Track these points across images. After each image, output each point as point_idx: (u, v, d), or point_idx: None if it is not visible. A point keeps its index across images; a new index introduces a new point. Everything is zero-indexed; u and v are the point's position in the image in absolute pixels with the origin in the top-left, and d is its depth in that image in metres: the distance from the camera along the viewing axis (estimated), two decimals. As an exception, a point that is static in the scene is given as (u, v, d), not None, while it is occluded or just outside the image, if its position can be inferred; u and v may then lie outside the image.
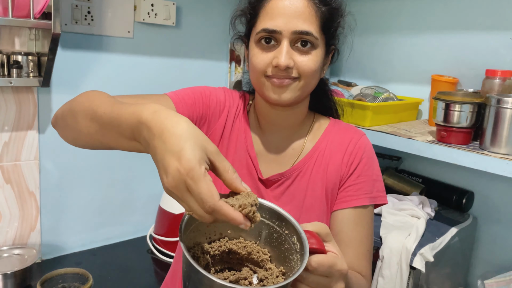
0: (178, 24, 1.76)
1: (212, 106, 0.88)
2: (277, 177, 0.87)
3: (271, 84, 0.79)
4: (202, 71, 1.86)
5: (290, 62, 0.77)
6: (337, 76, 2.09)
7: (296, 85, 0.79)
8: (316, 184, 0.87)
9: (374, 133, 1.45)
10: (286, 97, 0.80)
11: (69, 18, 1.48)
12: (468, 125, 1.29)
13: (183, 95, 0.85)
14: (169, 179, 0.50)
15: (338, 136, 0.90)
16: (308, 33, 0.77)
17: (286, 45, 0.77)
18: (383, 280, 1.28)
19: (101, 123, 0.63)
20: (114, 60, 1.63)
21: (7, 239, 1.48)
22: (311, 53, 0.79)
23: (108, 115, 0.62)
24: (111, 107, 0.63)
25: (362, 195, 0.87)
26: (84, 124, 0.67)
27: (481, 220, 1.57)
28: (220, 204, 0.50)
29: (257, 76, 0.80)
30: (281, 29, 0.76)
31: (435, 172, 1.70)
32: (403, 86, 1.82)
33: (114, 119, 0.61)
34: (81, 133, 0.69)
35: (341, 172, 0.87)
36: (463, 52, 1.61)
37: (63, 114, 0.73)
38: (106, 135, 0.63)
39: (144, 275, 1.54)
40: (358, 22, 1.93)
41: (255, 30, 0.80)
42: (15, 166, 1.46)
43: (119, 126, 0.60)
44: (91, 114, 0.65)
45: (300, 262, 0.58)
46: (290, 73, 0.78)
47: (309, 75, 0.79)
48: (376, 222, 1.41)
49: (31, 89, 1.44)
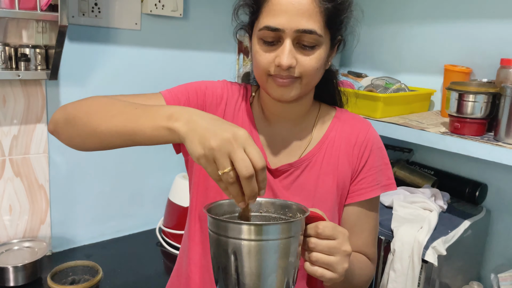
0: (185, 15, 1.74)
1: (208, 99, 0.87)
2: (286, 167, 0.85)
3: (274, 82, 0.78)
4: (210, 63, 1.84)
5: (293, 61, 0.75)
6: (347, 67, 2.06)
7: (298, 84, 0.78)
8: (328, 176, 0.86)
9: (385, 124, 1.42)
10: (289, 95, 0.79)
11: (76, 10, 1.47)
12: (482, 115, 1.26)
13: (176, 93, 0.84)
14: (225, 135, 0.57)
15: (346, 126, 0.89)
16: (311, 32, 0.74)
17: (289, 44, 0.74)
18: (394, 273, 1.26)
19: (103, 139, 0.68)
20: (121, 52, 1.62)
21: (17, 232, 1.49)
22: (315, 52, 0.76)
23: (110, 129, 0.66)
24: (110, 121, 0.66)
25: (373, 186, 0.87)
26: (89, 140, 0.70)
27: (495, 213, 1.55)
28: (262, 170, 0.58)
29: (260, 74, 0.79)
30: (284, 27, 0.74)
31: (448, 164, 1.67)
32: (414, 76, 1.78)
33: (127, 131, 0.65)
34: (86, 143, 0.71)
35: (353, 165, 0.87)
36: (477, 41, 1.57)
37: (68, 120, 0.73)
38: (119, 143, 0.68)
39: (153, 268, 1.54)
40: (368, 12, 1.91)
41: (257, 25, 0.78)
42: (25, 159, 1.46)
43: (134, 135, 0.64)
44: (92, 132, 0.68)
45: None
46: (293, 72, 0.76)
47: (312, 73, 0.78)
48: (387, 215, 1.39)
49: (39, 82, 1.44)
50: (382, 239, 1.31)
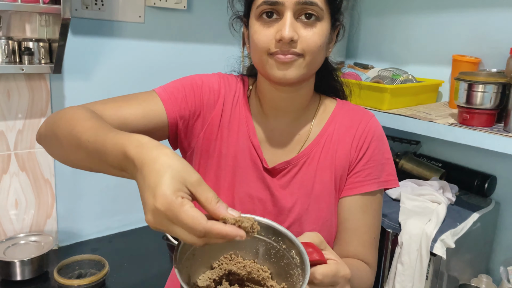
0: (189, 7, 1.73)
1: (206, 96, 0.83)
2: (284, 165, 0.83)
3: (275, 61, 0.74)
4: (214, 56, 1.83)
5: (295, 34, 0.71)
6: (354, 58, 2.03)
7: (301, 62, 0.74)
8: (325, 171, 0.83)
9: (393, 116, 1.40)
10: (291, 74, 0.74)
11: (79, 3, 1.46)
12: (492, 106, 1.23)
13: (172, 90, 0.81)
14: (149, 217, 0.50)
15: (346, 118, 0.86)
16: (312, 3, 0.72)
17: (290, 16, 0.72)
18: (402, 266, 1.25)
19: (87, 152, 0.61)
20: (125, 45, 1.60)
21: (23, 226, 1.50)
22: (316, 26, 0.74)
23: (93, 144, 0.60)
24: (95, 135, 0.60)
25: (370, 180, 0.83)
26: (70, 150, 0.65)
27: (504, 205, 1.53)
28: (210, 225, 0.48)
29: (260, 55, 0.75)
30: (283, 0, 0.72)
31: (456, 156, 1.65)
32: (422, 67, 1.76)
33: (99, 149, 0.58)
34: (69, 158, 0.67)
35: (350, 157, 0.83)
36: (486, 30, 1.54)
37: (46, 135, 0.71)
38: (94, 163, 0.62)
39: (159, 262, 1.54)
40: (375, 2, 1.88)
41: (255, 4, 0.75)
42: (30, 154, 1.46)
43: (105, 157, 0.58)
44: (76, 142, 0.63)
45: (302, 276, 0.56)
46: (295, 47, 0.73)
47: (315, 50, 0.74)
48: (394, 208, 1.38)
49: (43, 76, 1.44)
50: (389, 232, 1.30)
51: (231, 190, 0.83)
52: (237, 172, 0.83)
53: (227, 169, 0.83)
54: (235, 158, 0.83)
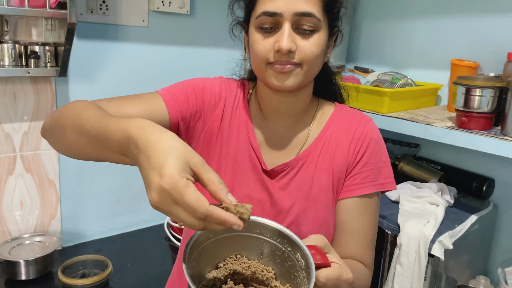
0: (192, 12, 1.75)
1: (207, 99, 0.85)
2: (282, 167, 0.84)
3: (273, 71, 0.76)
4: (216, 60, 1.85)
5: (293, 45, 0.73)
6: (354, 62, 2.06)
7: (299, 71, 0.76)
8: (323, 173, 0.84)
9: (392, 119, 1.42)
10: (289, 83, 0.76)
11: (85, 7, 1.48)
12: (489, 110, 1.25)
13: (174, 91, 0.83)
14: (153, 196, 0.50)
15: (344, 122, 0.87)
16: (310, 15, 0.73)
17: (288, 27, 0.73)
18: (400, 267, 1.27)
19: (89, 138, 0.63)
20: (129, 49, 1.63)
21: (28, 226, 1.52)
22: (314, 36, 0.75)
23: (96, 129, 0.61)
24: (98, 121, 0.62)
25: (367, 183, 0.85)
26: (73, 138, 0.66)
27: (502, 208, 1.54)
28: (211, 209, 0.49)
29: (259, 64, 0.77)
30: (282, 11, 0.73)
31: (455, 159, 1.67)
32: (421, 71, 1.78)
33: (102, 133, 0.60)
34: (71, 146, 0.68)
35: (348, 160, 0.85)
36: (484, 35, 1.56)
37: (51, 127, 0.73)
38: (96, 149, 0.63)
39: (162, 262, 1.56)
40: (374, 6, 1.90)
41: (254, 13, 0.77)
42: (35, 155, 1.48)
43: (107, 140, 0.59)
44: (79, 128, 0.65)
45: (307, 279, 0.58)
46: (293, 57, 0.74)
47: (312, 60, 0.76)
48: (393, 210, 1.40)
49: (48, 79, 1.46)
50: (388, 233, 1.32)
51: (230, 191, 0.84)
52: (236, 173, 0.85)
53: (227, 170, 0.85)
54: (235, 160, 0.85)
